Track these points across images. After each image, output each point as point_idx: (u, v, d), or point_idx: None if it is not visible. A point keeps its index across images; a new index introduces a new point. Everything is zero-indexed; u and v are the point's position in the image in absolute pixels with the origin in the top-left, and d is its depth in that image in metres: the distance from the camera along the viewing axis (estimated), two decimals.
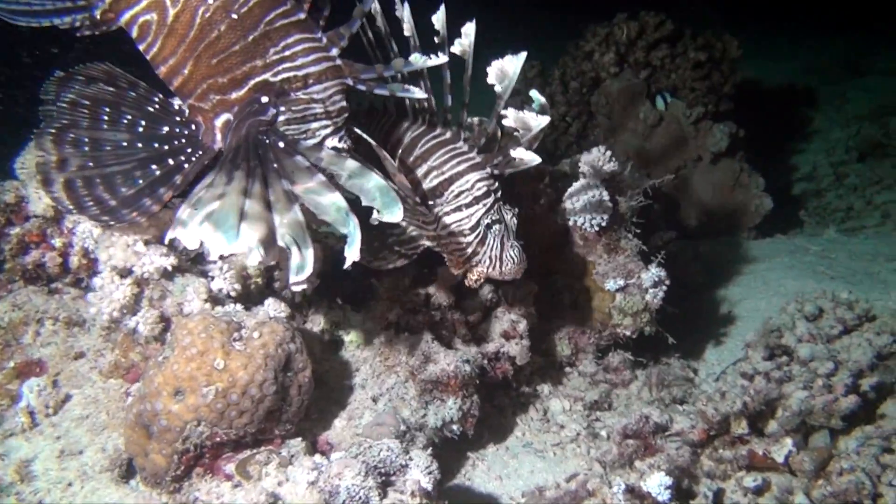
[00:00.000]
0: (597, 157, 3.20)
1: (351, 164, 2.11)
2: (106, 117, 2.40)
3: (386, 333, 2.89)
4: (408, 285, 3.01)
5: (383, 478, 2.26)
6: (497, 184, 2.65)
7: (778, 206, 5.85)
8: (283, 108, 2.29)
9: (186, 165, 2.36)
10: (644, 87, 5.64)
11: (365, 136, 2.38)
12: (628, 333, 3.36)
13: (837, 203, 6.72)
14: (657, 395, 3.41)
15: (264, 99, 2.28)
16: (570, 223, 3.33)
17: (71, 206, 2.31)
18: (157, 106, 2.43)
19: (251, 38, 2.26)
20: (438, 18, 2.59)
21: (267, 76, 2.29)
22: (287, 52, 2.29)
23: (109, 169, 2.33)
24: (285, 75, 2.29)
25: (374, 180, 2.05)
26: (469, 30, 2.51)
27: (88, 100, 2.41)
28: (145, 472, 2.31)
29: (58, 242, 2.51)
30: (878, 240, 5.57)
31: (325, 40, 2.36)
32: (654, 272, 3.32)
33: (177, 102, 2.42)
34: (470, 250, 2.63)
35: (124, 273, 2.39)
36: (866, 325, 3.29)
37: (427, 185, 2.68)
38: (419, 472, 2.25)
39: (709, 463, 2.77)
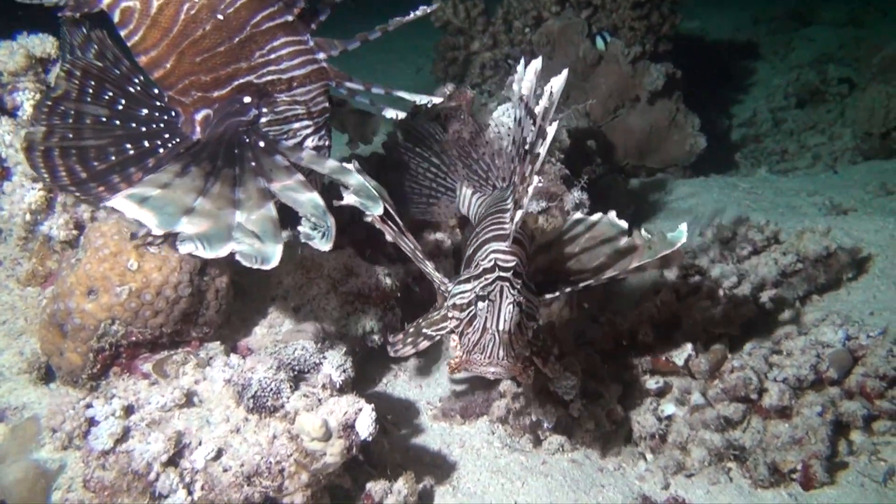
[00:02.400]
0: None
1: (331, 163, 2.17)
2: (91, 90, 2.37)
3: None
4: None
5: (296, 373, 2.35)
6: (513, 261, 2.10)
7: (716, 149, 6.01)
8: (265, 110, 2.31)
9: (161, 150, 2.35)
10: (584, 27, 5.66)
11: (389, 207, 2.25)
12: None
13: (773, 147, 6.95)
14: (577, 313, 3.55)
15: (246, 99, 2.29)
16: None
17: (45, 173, 2.27)
18: (137, 87, 2.41)
19: (237, 40, 2.24)
20: (557, 83, 2.07)
21: (251, 78, 2.28)
22: (272, 56, 2.28)
23: (86, 142, 2.31)
24: (269, 78, 2.28)
25: (355, 178, 2.12)
26: (557, 82, 2.03)
27: (80, 71, 2.37)
28: (62, 371, 2.35)
29: None
30: (805, 179, 5.81)
31: (311, 43, 2.34)
32: (575, 195, 3.42)
33: (157, 88, 2.41)
34: (459, 329, 2.11)
35: (36, 178, 2.38)
36: (774, 246, 3.48)
37: (467, 252, 2.38)
38: (332, 368, 2.34)
39: (616, 369, 2.93)
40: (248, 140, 2.23)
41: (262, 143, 2.22)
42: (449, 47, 6.45)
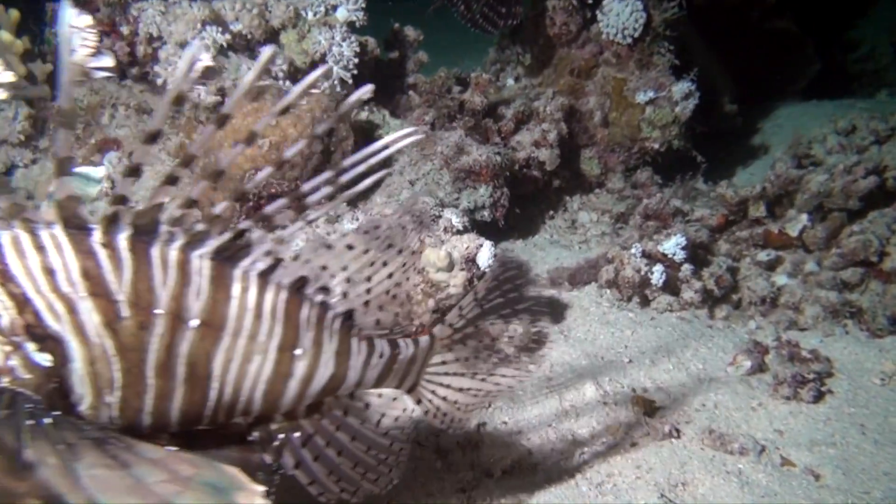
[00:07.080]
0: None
1: None
2: None
3: (423, 128, 3.11)
4: (443, 89, 3.22)
5: (418, 220, 2.52)
6: None
7: (830, 82, 5.74)
8: None
9: None
10: None
11: None
12: (656, 147, 3.49)
13: (894, 78, 6.55)
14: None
15: None
16: (603, 38, 3.43)
17: None
18: None
19: None
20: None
21: None
22: None
23: None
24: None
25: None
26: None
27: None
28: None
29: (126, 30, 2.78)
30: None
31: None
32: (684, 85, 3.41)
33: None
34: None
35: (185, 43, 2.65)
36: None
37: None
38: (451, 215, 2.50)
39: (726, 246, 2.93)
40: None
41: None
42: None
